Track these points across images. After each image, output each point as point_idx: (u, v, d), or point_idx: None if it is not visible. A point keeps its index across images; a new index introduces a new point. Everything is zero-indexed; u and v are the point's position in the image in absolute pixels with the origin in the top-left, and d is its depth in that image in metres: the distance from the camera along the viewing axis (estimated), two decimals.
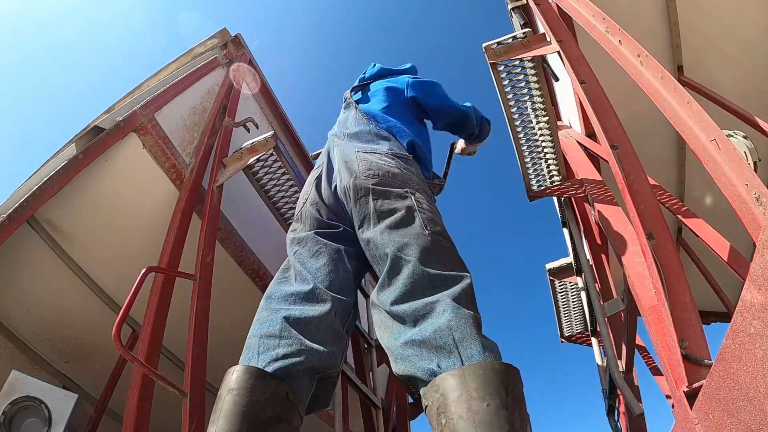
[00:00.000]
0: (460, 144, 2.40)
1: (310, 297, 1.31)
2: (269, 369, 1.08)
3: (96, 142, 1.97)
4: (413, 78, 2.08)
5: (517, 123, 2.48)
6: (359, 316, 3.40)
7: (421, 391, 0.99)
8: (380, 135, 1.76)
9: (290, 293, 1.32)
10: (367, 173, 1.51)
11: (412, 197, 1.42)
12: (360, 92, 2.14)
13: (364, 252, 1.44)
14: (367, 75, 2.23)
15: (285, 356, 1.12)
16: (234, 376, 1.04)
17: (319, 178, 1.71)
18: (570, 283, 3.47)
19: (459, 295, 1.10)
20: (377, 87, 2.07)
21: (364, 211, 1.44)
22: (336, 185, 1.61)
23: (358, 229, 1.46)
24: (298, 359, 1.12)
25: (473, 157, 2.44)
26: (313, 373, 1.18)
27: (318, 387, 1.21)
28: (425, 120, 2.10)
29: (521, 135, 2.53)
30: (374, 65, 2.27)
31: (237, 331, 2.65)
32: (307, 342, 1.17)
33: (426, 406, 0.94)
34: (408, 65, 2.30)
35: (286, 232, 2.51)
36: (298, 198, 2.39)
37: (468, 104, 2.14)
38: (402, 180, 1.50)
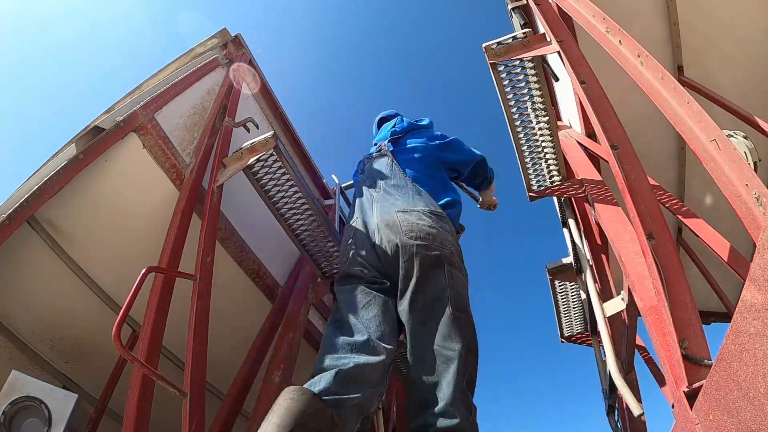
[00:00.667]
0: (482, 199, 2.74)
1: (365, 347, 1.53)
2: (323, 397, 1.32)
3: (96, 142, 1.97)
4: (441, 141, 2.37)
5: (517, 123, 2.48)
6: None
7: None
8: (418, 193, 2.00)
9: (347, 343, 1.55)
10: (410, 234, 1.75)
11: (446, 267, 1.72)
12: (394, 146, 2.38)
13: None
14: (398, 129, 2.48)
15: (337, 393, 1.35)
16: (292, 391, 1.28)
17: (357, 236, 1.94)
18: (570, 283, 3.47)
19: (463, 376, 1.50)
20: (411, 144, 2.34)
21: (405, 273, 1.71)
22: (376, 243, 1.83)
23: (400, 287, 1.73)
24: (347, 396, 1.36)
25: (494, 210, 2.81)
26: (360, 411, 1.41)
27: (361, 425, 1.45)
28: (452, 171, 2.40)
29: (521, 135, 2.53)
30: (402, 119, 2.57)
31: (237, 331, 2.66)
32: (359, 385, 1.42)
33: None
34: (427, 120, 2.61)
35: (286, 232, 2.53)
36: (298, 198, 2.40)
37: (478, 152, 2.50)
38: (440, 241, 1.78)
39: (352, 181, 2.96)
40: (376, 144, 2.53)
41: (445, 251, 1.75)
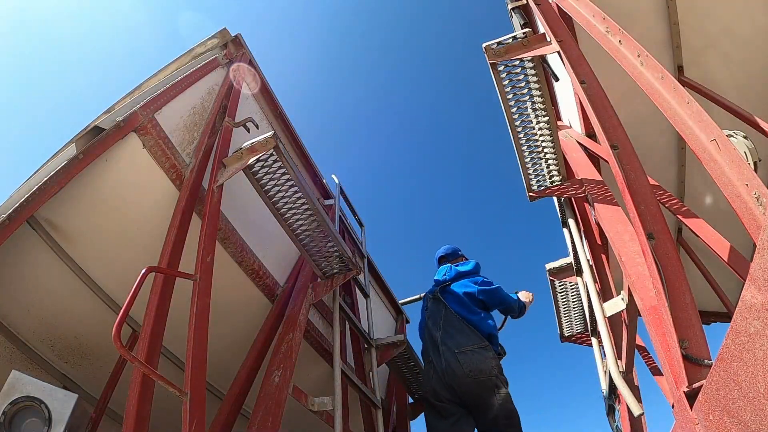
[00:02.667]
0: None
1: None
2: None
3: (96, 142, 1.97)
4: (481, 287, 3.05)
5: (517, 123, 2.48)
6: (359, 316, 3.41)
7: None
8: (470, 331, 2.78)
9: None
10: (468, 372, 2.57)
11: (496, 390, 2.57)
12: (443, 293, 3.09)
13: None
14: (448, 277, 3.19)
15: None
16: None
17: (433, 372, 2.75)
18: (570, 283, 3.47)
19: None
20: (457, 290, 3.06)
21: (469, 401, 2.60)
22: (443, 376, 2.65)
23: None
24: None
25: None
26: None
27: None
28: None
29: (521, 135, 2.53)
30: (451, 269, 3.26)
31: (237, 331, 2.66)
32: None
33: None
34: (472, 265, 3.28)
35: (286, 232, 2.53)
36: (298, 198, 2.41)
37: (515, 296, 3.21)
38: (488, 371, 2.59)
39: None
40: (434, 282, 3.30)
41: (494, 380, 2.59)
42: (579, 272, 3.16)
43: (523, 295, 3.31)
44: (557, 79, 2.28)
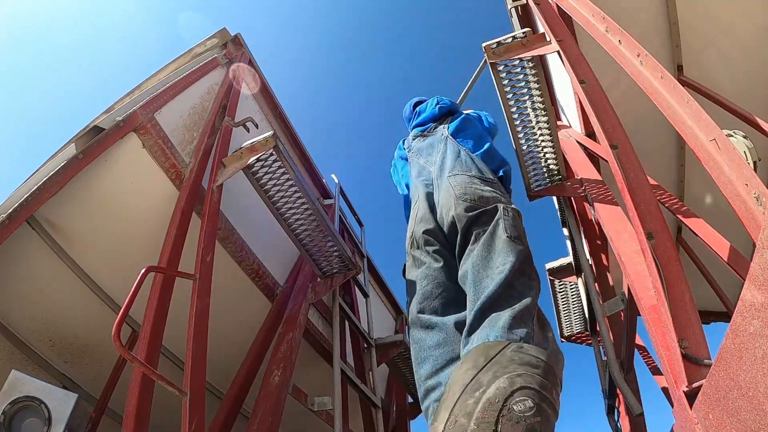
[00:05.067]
0: None
1: None
2: None
3: (96, 142, 1.97)
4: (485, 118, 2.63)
5: (517, 123, 2.48)
6: (359, 315, 3.41)
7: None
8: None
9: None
10: (462, 194, 1.85)
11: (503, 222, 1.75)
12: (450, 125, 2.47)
13: None
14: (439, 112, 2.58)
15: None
16: None
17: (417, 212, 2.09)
18: (570, 283, 3.47)
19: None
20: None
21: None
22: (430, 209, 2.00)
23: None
24: None
25: None
26: None
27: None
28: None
29: (521, 135, 2.53)
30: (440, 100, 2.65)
31: (237, 331, 2.66)
32: None
33: None
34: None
35: (286, 232, 2.53)
36: (298, 198, 2.41)
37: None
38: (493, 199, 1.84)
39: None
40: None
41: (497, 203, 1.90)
42: (579, 272, 3.17)
43: None
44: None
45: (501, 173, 2.17)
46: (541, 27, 2.30)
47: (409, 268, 1.92)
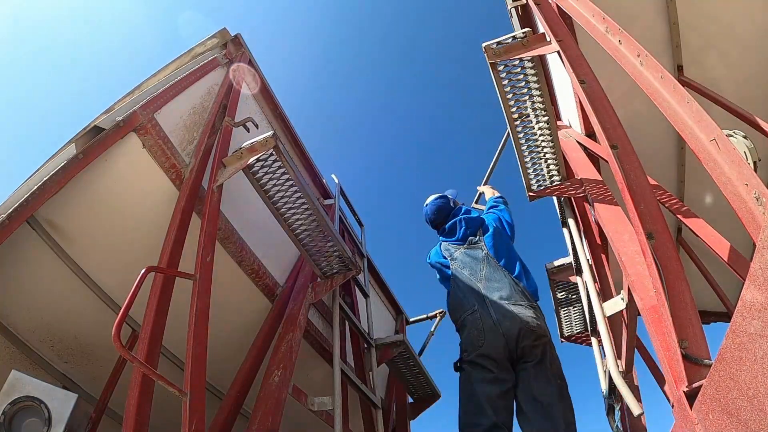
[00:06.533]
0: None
1: None
2: None
3: (96, 142, 1.97)
4: (507, 222, 2.93)
5: (517, 123, 2.48)
6: (359, 315, 3.41)
7: None
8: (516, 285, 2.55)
9: None
10: (525, 323, 2.36)
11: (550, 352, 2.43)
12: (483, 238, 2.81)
13: None
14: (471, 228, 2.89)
15: None
16: None
17: (481, 324, 2.45)
18: (570, 283, 3.46)
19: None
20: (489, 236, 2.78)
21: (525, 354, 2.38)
22: (498, 326, 2.39)
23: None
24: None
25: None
26: None
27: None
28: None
29: (521, 135, 2.53)
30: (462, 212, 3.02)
31: (237, 331, 2.66)
32: None
33: None
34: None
35: (286, 232, 2.53)
36: (298, 198, 2.41)
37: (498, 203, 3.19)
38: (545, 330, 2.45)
39: None
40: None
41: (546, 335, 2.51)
42: (579, 272, 3.16)
43: (489, 192, 3.39)
44: None
45: (536, 297, 2.58)
46: (541, 27, 2.30)
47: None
